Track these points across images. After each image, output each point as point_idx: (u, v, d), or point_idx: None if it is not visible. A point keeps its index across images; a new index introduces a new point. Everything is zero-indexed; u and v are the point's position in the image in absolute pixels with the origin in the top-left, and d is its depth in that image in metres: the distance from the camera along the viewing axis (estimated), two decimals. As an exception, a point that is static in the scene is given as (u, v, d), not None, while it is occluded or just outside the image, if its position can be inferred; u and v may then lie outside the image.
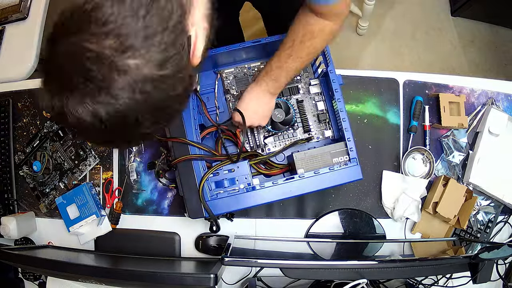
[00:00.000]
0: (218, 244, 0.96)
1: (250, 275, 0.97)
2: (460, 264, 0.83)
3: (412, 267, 0.82)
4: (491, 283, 0.92)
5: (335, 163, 0.84)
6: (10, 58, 1.12)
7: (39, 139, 1.03)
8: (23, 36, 1.12)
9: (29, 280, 1.02)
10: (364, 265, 0.79)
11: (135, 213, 1.00)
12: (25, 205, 1.04)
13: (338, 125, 0.88)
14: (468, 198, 0.96)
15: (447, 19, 2.00)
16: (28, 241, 1.02)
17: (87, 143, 1.02)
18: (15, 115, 1.06)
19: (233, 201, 0.82)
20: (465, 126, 0.99)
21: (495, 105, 1.03)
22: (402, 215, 0.95)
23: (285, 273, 0.77)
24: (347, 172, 0.82)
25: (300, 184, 0.82)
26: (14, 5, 1.13)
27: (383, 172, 0.99)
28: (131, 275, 0.76)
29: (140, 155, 1.01)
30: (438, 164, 1.00)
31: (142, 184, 1.00)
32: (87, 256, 0.95)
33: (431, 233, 0.98)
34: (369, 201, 0.99)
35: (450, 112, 0.99)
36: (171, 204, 0.99)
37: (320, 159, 0.84)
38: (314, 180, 0.82)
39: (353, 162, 0.83)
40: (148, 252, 0.97)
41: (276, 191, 0.82)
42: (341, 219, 0.98)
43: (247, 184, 0.83)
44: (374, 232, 0.98)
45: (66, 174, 1.02)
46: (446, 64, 1.97)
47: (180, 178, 0.82)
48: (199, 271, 0.83)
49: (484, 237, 0.98)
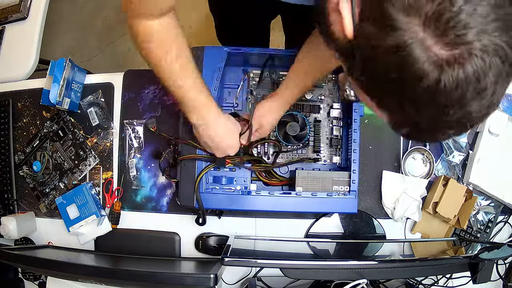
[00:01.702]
0: (218, 244, 0.96)
1: (250, 275, 0.97)
2: (460, 264, 0.83)
3: (412, 267, 0.82)
4: (491, 283, 0.92)
5: (335, 190, 0.84)
6: (10, 58, 1.12)
7: (39, 139, 1.03)
8: (23, 36, 1.12)
9: (29, 280, 1.02)
10: (364, 265, 0.79)
11: (134, 210, 1.00)
12: (25, 205, 1.04)
13: (348, 155, 0.89)
14: (468, 198, 0.96)
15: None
16: (28, 241, 1.02)
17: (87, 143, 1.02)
18: (15, 115, 1.06)
19: (226, 199, 0.82)
20: (465, 126, 0.99)
21: (495, 105, 1.03)
22: (402, 215, 0.95)
23: (285, 273, 0.77)
24: (343, 202, 0.83)
25: (295, 201, 0.82)
26: (14, 5, 1.13)
27: (383, 172, 0.99)
28: (131, 275, 0.76)
29: (140, 152, 1.01)
30: (438, 164, 1.00)
31: (142, 181, 1.00)
32: (87, 256, 0.95)
33: (431, 233, 0.98)
34: (369, 201, 0.99)
35: (450, 112, 0.98)
36: (170, 201, 0.99)
37: (321, 182, 0.84)
38: (310, 201, 0.82)
39: (352, 195, 0.83)
40: (148, 252, 0.97)
41: (270, 201, 0.83)
42: (341, 219, 0.98)
43: (244, 187, 0.84)
44: (374, 232, 0.98)
45: (66, 174, 1.02)
46: (446, 64, 1.96)
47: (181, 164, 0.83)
48: (199, 271, 0.83)
49: (484, 237, 0.98)
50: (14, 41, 1.13)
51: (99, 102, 1.03)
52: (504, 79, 0.36)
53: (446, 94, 0.36)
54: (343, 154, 0.93)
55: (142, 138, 1.01)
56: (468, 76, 0.34)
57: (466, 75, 0.34)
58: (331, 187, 0.84)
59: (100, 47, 2.02)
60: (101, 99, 1.03)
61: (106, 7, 2.06)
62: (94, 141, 1.02)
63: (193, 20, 1.92)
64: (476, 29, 0.33)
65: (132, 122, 1.01)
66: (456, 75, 0.34)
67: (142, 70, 1.04)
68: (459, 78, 0.35)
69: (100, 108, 1.02)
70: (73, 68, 0.99)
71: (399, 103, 0.40)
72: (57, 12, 2.02)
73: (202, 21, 1.90)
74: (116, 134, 1.02)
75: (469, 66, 0.34)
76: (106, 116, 1.02)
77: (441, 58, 0.34)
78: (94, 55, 2.01)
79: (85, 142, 1.02)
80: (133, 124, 1.01)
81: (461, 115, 0.38)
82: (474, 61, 0.34)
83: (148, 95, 1.02)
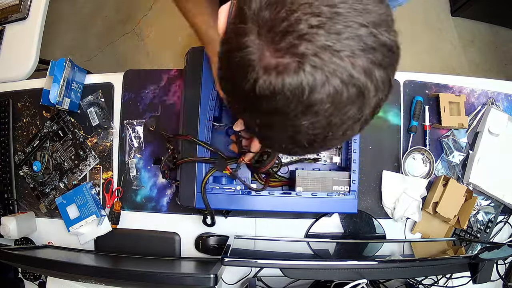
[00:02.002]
0: (218, 244, 0.96)
1: (250, 275, 0.97)
2: (460, 264, 0.83)
3: (412, 267, 0.82)
4: (491, 283, 0.92)
5: (335, 190, 0.84)
6: (10, 58, 1.12)
7: (39, 139, 1.03)
8: (23, 36, 1.12)
9: (29, 280, 1.02)
10: (364, 265, 0.79)
11: (134, 210, 1.00)
12: (25, 205, 1.04)
13: (348, 155, 0.89)
14: (468, 198, 0.96)
15: (447, 19, 2.00)
16: (28, 241, 1.02)
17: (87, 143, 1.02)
18: (15, 115, 1.06)
19: (226, 199, 0.82)
20: (465, 126, 0.99)
21: (495, 105, 1.03)
22: (402, 215, 0.95)
23: (285, 273, 0.77)
24: (343, 202, 0.83)
25: (295, 201, 0.82)
26: (14, 5, 1.13)
27: (383, 172, 0.99)
28: (131, 275, 0.76)
29: (140, 152, 1.01)
30: (438, 164, 1.00)
31: (142, 181, 1.00)
32: (87, 256, 0.95)
33: (431, 233, 0.98)
34: (369, 201, 0.99)
35: (450, 112, 0.99)
36: (170, 201, 1.00)
37: (321, 182, 0.84)
38: (310, 201, 0.82)
39: (352, 195, 0.83)
40: (148, 252, 0.97)
41: (270, 201, 0.83)
42: (341, 219, 0.98)
43: (244, 187, 0.84)
44: (374, 232, 0.98)
45: (66, 174, 1.02)
46: (446, 64, 1.97)
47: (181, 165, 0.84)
48: (199, 271, 0.83)
49: (484, 237, 0.98)
50: (14, 41, 1.13)
51: (99, 102, 1.03)
52: (347, 103, 0.34)
53: (265, 99, 0.34)
54: (343, 154, 0.93)
55: (142, 138, 1.01)
56: (286, 87, 0.33)
57: (284, 84, 0.33)
58: (331, 187, 0.84)
59: (100, 47, 2.02)
60: (101, 99, 1.03)
61: (106, 7, 2.06)
62: (94, 141, 1.02)
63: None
64: (317, 44, 0.31)
65: (132, 122, 1.01)
66: (274, 83, 0.33)
67: (142, 70, 1.05)
68: (275, 85, 0.33)
69: (100, 108, 1.02)
70: (73, 68, 0.99)
71: (238, 103, 0.39)
72: (57, 12, 2.02)
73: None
74: (116, 134, 1.02)
75: (291, 78, 0.32)
76: (106, 116, 1.02)
77: (268, 64, 0.33)
78: (94, 55, 2.01)
79: (85, 142, 1.02)
80: (133, 124, 1.01)
81: (292, 130, 0.36)
82: (300, 74, 0.32)
83: (148, 95, 1.02)
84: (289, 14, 0.32)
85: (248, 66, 0.34)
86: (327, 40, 0.31)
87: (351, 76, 0.32)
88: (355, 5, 0.32)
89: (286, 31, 0.32)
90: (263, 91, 0.34)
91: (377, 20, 0.33)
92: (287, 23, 0.32)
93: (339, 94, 0.33)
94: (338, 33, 0.31)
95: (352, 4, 0.32)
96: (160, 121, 1.01)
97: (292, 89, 0.33)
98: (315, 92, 0.32)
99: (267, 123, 0.38)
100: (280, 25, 0.32)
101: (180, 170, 0.85)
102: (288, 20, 0.32)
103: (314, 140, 0.37)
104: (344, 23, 0.32)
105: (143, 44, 1.96)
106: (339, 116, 0.35)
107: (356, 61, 0.32)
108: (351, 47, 0.32)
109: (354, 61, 0.32)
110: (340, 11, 0.32)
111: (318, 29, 0.31)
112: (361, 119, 0.36)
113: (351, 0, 0.32)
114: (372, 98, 0.34)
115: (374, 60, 0.33)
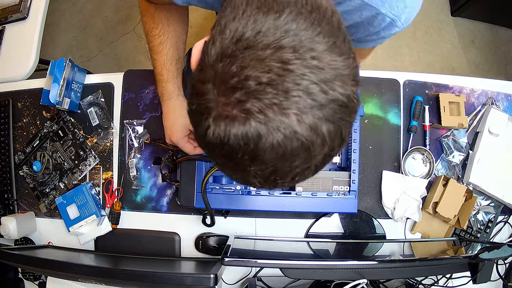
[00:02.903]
0: (218, 244, 0.96)
1: (250, 275, 0.97)
2: (460, 264, 0.83)
3: (412, 267, 0.82)
4: (491, 283, 0.92)
5: (335, 190, 0.84)
6: (10, 58, 1.12)
7: (39, 139, 1.03)
8: (23, 36, 1.12)
9: (29, 280, 1.02)
10: (364, 265, 0.79)
11: (134, 210, 1.00)
12: (25, 205, 1.04)
13: (348, 155, 0.89)
14: (468, 198, 0.96)
15: (447, 19, 2.00)
16: (28, 241, 1.02)
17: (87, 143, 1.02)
18: (15, 115, 1.06)
19: (226, 199, 0.83)
20: (465, 126, 0.99)
21: (495, 105, 1.03)
22: (402, 215, 0.95)
23: (285, 273, 0.77)
24: (343, 202, 0.84)
25: (295, 201, 0.83)
26: (14, 5, 1.13)
27: (383, 172, 0.99)
28: (131, 275, 0.76)
29: (140, 152, 1.01)
30: (438, 164, 1.00)
31: (142, 181, 1.00)
32: (87, 256, 0.95)
33: (431, 233, 0.98)
34: (369, 201, 0.99)
35: (450, 112, 0.99)
36: (170, 201, 0.99)
37: (321, 182, 0.85)
38: (310, 201, 0.83)
39: (352, 195, 0.84)
40: (148, 252, 0.97)
41: (270, 201, 0.83)
42: (341, 219, 0.98)
43: (244, 187, 0.84)
44: (374, 232, 0.98)
45: (66, 174, 1.02)
46: (446, 64, 1.97)
47: (181, 164, 0.84)
48: (199, 271, 0.83)
49: (484, 237, 0.98)
50: (14, 41, 1.13)
51: (99, 102, 1.03)
52: (292, 155, 0.35)
53: (216, 146, 0.36)
54: (343, 154, 0.93)
55: (142, 138, 1.01)
56: (232, 138, 0.34)
57: (230, 135, 0.34)
58: (331, 187, 0.84)
59: (100, 47, 2.02)
60: (101, 99, 1.03)
61: (106, 7, 2.06)
62: (94, 141, 1.02)
63: (193, 20, 1.92)
64: (264, 101, 0.32)
65: (132, 122, 1.01)
66: (221, 133, 0.35)
67: (142, 70, 1.04)
68: (223, 135, 0.35)
69: (100, 108, 1.02)
70: (73, 68, 0.99)
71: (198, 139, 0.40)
72: (57, 12, 2.02)
73: (202, 21, 1.90)
74: (116, 134, 1.02)
75: (236, 129, 0.34)
76: (106, 116, 1.02)
77: (219, 114, 0.35)
78: (94, 55, 2.01)
79: (85, 142, 1.02)
80: (133, 124, 1.01)
81: (242, 174, 0.38)
82: (246, 126, 0.33)
83: (148, 95, 1.02)
84: (239, 70, 0.33)
85: (203, 113, 0.36)
86: (274, 97, 0.32)
87: (295, 132, 0.33)
88: (308, 61, 0.33)
89: (236, 87, 0.33)
90: (214, 139, 0.36)
91: (331, 76, 0.33)
92: (237, 79, 0.33)
93: (282, 148, 0.34)
94: (287, 91, 0.32)
95: (306, 60, 0.33)
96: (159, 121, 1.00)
97: (238, 140, 0.34)
98: (259, 143, 0.34)
99: (221, 164, 0.40)
100: (231, 80, 0.33)
101: (180, 170, 0.85)
102: (238, 76, 0.33)
103: (264, 182, 0.39)
104: (294, 81, 0.32)
105: (143, 44, 1.96)
106: (286, 164, 0.36)
107: (302, 118, 0.33)
108: (298, 105, 0.33)
109: (300, 118, 0.33)
110: (291, 67, 0.32)
111: (266, 86, 0.32)
112: (310, 167, 0.38)
113: (308, 55, 0.33)
114: (319, 151, 0.36)
115: (322, 117, 0.34)
